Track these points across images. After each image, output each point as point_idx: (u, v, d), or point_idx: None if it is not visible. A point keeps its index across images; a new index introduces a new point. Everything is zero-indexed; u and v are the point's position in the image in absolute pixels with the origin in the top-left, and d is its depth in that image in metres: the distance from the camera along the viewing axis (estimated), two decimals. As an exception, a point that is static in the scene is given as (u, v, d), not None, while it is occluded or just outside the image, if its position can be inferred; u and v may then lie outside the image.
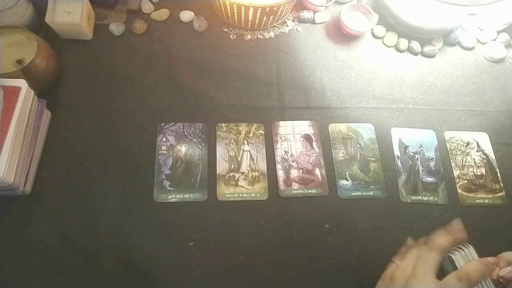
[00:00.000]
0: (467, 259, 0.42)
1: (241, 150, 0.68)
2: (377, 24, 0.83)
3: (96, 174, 0.64)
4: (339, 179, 0.67)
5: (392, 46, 0.83)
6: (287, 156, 0.69)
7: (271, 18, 0.78)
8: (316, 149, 0.70)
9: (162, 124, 0.69)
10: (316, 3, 0.82)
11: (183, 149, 0.67)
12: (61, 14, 0.70)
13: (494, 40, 0.85)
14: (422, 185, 0.68)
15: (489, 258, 0.42)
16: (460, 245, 0.44)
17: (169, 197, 0.63)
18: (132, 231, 0.60)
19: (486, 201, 0.68)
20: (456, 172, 0.70)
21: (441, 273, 0.42)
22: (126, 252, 0.59)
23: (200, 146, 0.68)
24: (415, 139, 0.73)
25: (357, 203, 0.66)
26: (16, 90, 0.57)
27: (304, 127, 0.72)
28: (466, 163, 0.71)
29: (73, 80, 0.71)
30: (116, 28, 0.76)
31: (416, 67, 0.81)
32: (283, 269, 0.60)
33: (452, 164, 0.71)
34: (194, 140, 0.68)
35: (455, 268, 0.41)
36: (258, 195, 0.65)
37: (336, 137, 0.71)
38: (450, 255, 0.43)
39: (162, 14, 0.80)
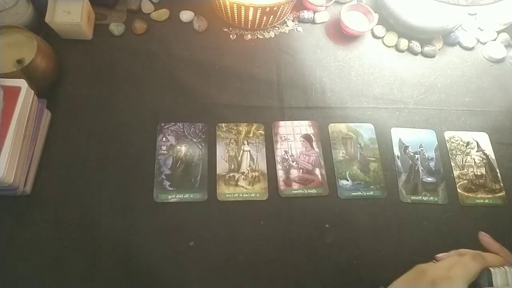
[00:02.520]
0: (506, 279, 0.40)
1: (241, 150, 0.68)
2: (377, 24, 0.83)
3: (96, 174, 0.64)
4: (339, 179, 0.67)
5: (392, 46, 0.83)
6: (287, 156, 0.69)
7: (271, 18, 0.78)
8: (316, 149, 0.70)
9: (162, 124, 0.69)
10: (316, 3, 0.82)
11: (183, 149, 0.67)
12: (61, 14, 0.70)
13: (494, 40, 0.85)
14: (422, 185, 0.68)
15: None
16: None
17: (169, 197, 0.63)
18: (132, 231, 0.60)
19: (486, 201, 0.68)
20: (456, 172, 0.70)
21: (473, 285, 0.40)
22: (126, 252, 0.59)
23: (200, 146, 0.68)
24: (415, 139, 0.73)
25: (357, 203, 0.66)
26: (16, 90, 0.58)
27: (304, 127, 0.72)
28: (466, 163, 0.71)
29: (73, 80, 0.71)
30: (116, 28, 0.76)
31: (416, 67, 0.81)
32: (283, 269, 0.60)
33: (452, 164, 0.71)
34: (194, 140, 0.68)
35: (491, 284, 0.40)
36: (258, 195, 0.65)
37: (336, 137, 0.71)
38: (490, 269, 0.41)
39: (162, 14, 0.80)
